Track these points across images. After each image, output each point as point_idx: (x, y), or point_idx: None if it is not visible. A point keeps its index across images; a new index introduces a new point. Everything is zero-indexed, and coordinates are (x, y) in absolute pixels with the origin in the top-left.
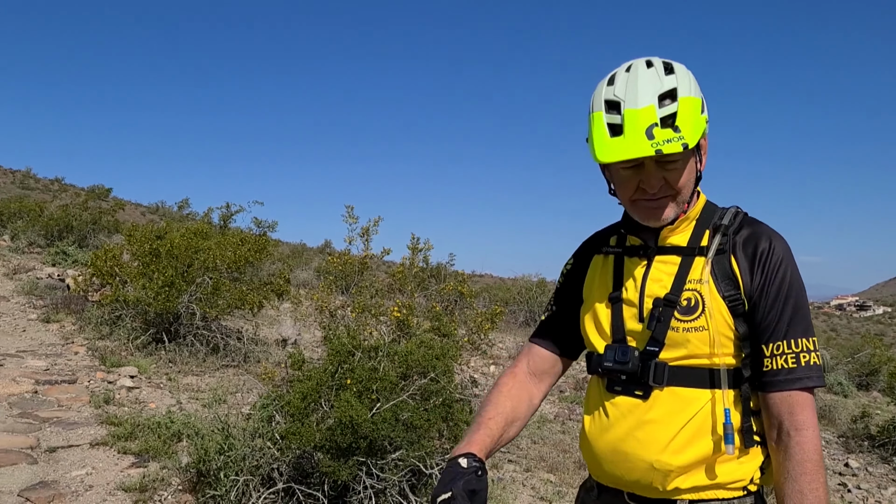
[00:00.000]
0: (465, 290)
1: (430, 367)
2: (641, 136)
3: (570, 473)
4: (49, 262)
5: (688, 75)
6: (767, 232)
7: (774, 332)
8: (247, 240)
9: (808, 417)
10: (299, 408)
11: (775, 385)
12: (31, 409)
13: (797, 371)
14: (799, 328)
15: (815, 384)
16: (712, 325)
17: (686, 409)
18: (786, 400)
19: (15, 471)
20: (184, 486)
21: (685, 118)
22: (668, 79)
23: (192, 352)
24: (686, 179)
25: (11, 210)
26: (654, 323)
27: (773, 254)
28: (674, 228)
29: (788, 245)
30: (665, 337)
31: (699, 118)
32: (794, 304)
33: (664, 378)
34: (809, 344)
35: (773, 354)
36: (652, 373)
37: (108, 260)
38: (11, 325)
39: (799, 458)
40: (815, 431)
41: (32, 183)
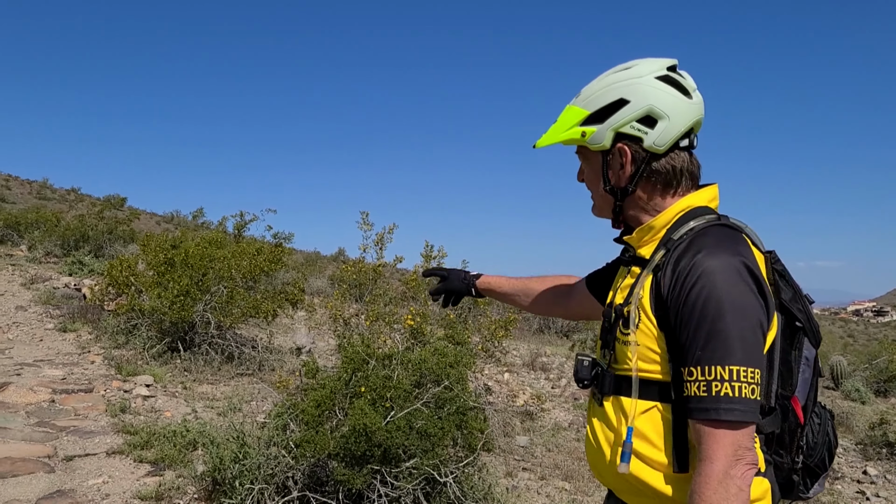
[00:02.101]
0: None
1: (444, 375)
2: None
3: (586, 481)
4: (66, 272)
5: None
6: (701, 248)
7: (687, 356)
8: (263, 250)
9: (713, 450)
10: (314, 416)
11: (689, 412)
12: (49, 418)
13: (705, 401)
14: (714, 354)
15: (726, 417)
16: (641, 340)
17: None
18: (696, 428)
19: (32, 479)
20: (199, 495)
21: (558, 123)
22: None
23: (207, 360)
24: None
25: (29, 220)
26: (606, 333)
27: (692, 272)
28: (641, 239)
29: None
30: (613, 347)
31: (567, 129)
32: (711, 328)
33: (610, 387)
34: (724, 372)
35: (686, 379)
36: (600, 382)
37: (124, 269)
38: (29, 335)
39: (692, 488)
40: (719, 467)
41: (49, 193)
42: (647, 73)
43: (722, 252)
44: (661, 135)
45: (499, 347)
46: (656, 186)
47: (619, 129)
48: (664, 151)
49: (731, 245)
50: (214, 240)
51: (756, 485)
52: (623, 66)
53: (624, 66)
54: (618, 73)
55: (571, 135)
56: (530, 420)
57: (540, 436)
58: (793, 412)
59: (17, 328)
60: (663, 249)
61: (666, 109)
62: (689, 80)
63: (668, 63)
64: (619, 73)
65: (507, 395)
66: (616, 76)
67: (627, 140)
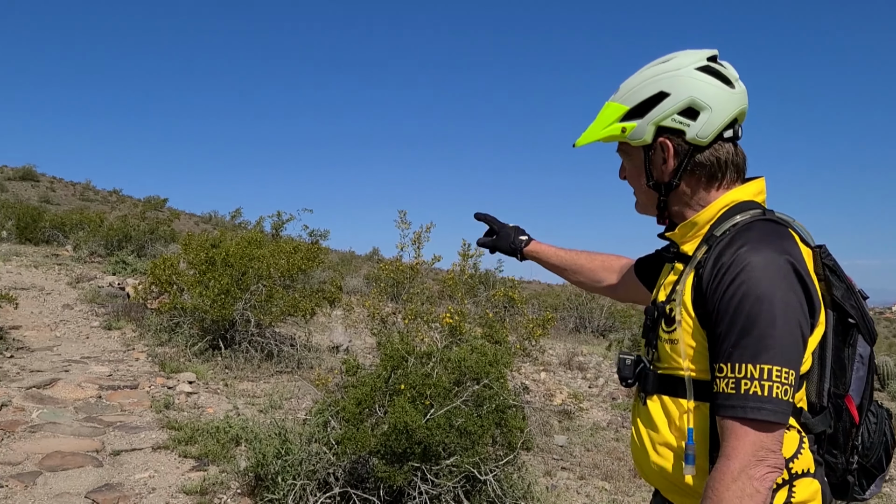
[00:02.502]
0: (516, 296)
1: (484, 373)
2: None
3: (626, 481)
4: (109, 271)
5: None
6: (744, 242)
7: (720, 352)
8: (300, 248)
9: (732, 448)
10: (354, 413)
11: (717, 408)
12: (96, 413)
13: (732, 398)
14: (746, 351)
15: (752, 416)
16: (683, 339)
17: (669, 417)
18: (721, 424)
19: (82, 473)
20: (242, 490)
21: (597, 120)
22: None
23: (248, 358)
24: (632, 181)
25: (73, 221)
26: (649, 331)
27: (732, 266)
28: (684, 235)
29: (772, 259)
30: (655, 345)
31: (607, 126)
32: (746, 324)
33: (653, 386)
34: (755, 370)
35: (717, 376)
36: (644, 380)
37: (166, 269)
38: (75, 332)
39: (707, 483)
40: (736, 465)
41: (92, 195)
42: (687, 64)
43: (765, 247)
44: (704, 126)
45: (536, 346)
46: (700, 179)
47: (661, 123)
48: (708, 143)
49: (775, 240)
50: (253, 239)
51: (805, 485)
52: (661, 60)
53: (662, 60)
54: (656, 67)
55: (611, 131)
56: (568, 419)
57: (578, 435)
58: (847, 411)
59: (64, 326)
60: (705, 246)
61: (708, 100)
62: (730, 70)
63: (708, 53)
64: (657, 67)
65: (544, 394)
66: (654, 69)
67: (669, 134)
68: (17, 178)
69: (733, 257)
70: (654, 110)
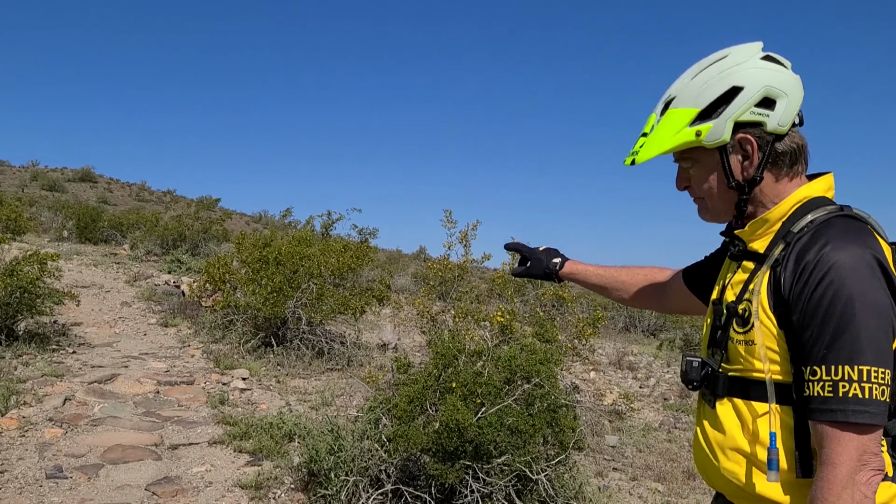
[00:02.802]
0: (566, 295)
1: (534, 372)
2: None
3: (679, 483)
4: (165, 270)
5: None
6: (828, 240)
7: (811, 354)
8: (349, 247)
9: (836, 454)
10: (406, 411)
11: (810, 413)
12: (154, 408)
13: (830, 402)
14: (842, 353)
15: (854, 419)
16: (760, 340)
17: (743, 421)
18: (817, 430)
19: (141, 466)
20: (296, 485)
21: (659, 131)
22: (680, 85)
23: (299, 355)
24: (702, 186)
25: (130, 221)
26: (718, 332)
27: (819, 266)
28: (754, 232)
29: (859, 257)
30: (726, 347)
31: (678, 133)
32: (839, 325)
33: (723, 389)
34: (853, 373)
35: (809, 379)
36: (713, 383)
37: (220, 267)
38: (134, 329)
39: (813, 494)
40: (843, 472)
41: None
42: (750, 55)
43: (850, 245)
44: (784, 114)
45: (586, 346)
46: (781, 170)
47: (739, 118)
48: (786, 131)
49: (858, 237)
50: (304, 238)
51: (883, 490)
52: (717, 58)
53: (718, 58)
54: (717, 64)
55: (684, 137)
56: (619, 420)
57: (630, 436)
58: None
59: (122, 323)
60: (782, 243)
61: (782, 87)
62: (783, 58)
63: (760, 45)
64: (719, 64)
65: (594, 393)
66: (717, 67)
67: (747, 128)
68: (77, 179)
69: (818, 256)
70: (729, 107)
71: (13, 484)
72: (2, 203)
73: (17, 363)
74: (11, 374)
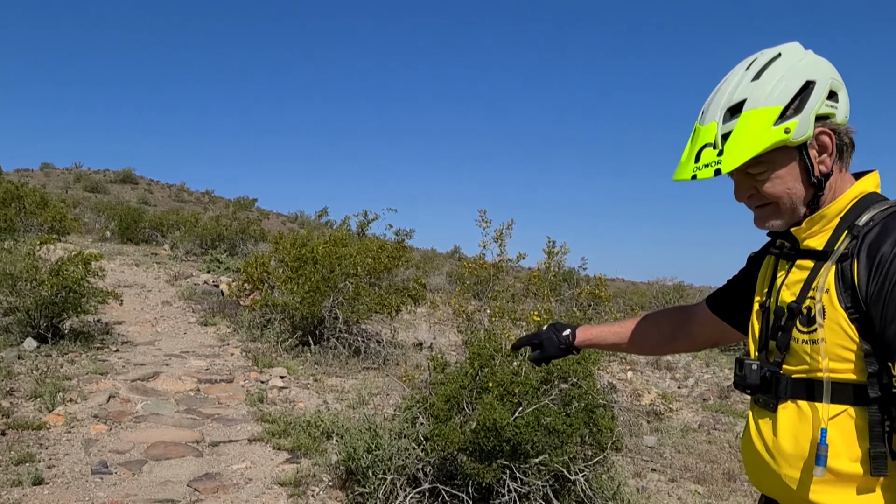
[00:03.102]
0: (603, 294)
1: (572, 372)
2: (692, 156)
3: (720, 485)
4: (204, 270)
5: (781, 76)
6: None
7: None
8: (386, 247)
9: None
10: (443, 410)
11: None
12: (195, 405)
13: None
14: None
15: None
16: (829, 338)
17: (807, 424)
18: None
19: (183, 462)
20: (334, 483)
21: (738, 137)
22: (746, 87)
23: (336, 354)
24: (781, 188)
25: (170, 222)
26: (778, 333)
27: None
28: (808, 230)
29: None
30: (787, 348)
31: (765, 133)
32: None
33: (786, 391)
34: None
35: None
36: (774, 385)
37: (258, 267)
38: (174, 328)
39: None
40: None
41: (186, 196)
42: (804, 51)
43: None
44: (846, 105)
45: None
46: (843, 163)
47: (818, 112)
48: (846, 123)
49: None
50: (340, 238)
51: None
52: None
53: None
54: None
55: (774, 137)
56: (657, 420)
57: (668, 436)
58: None
59: (163, 322)
60: (848, 238)
61: (839, 80)
62: None
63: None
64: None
65: (632, 393)
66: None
67: (822, 121)
68: (118, 180)
69: (893, 245)
70: (809, 101)
71: (61, 478)
72: (47, 205)
73: (63, 361)
74: (58, 371)
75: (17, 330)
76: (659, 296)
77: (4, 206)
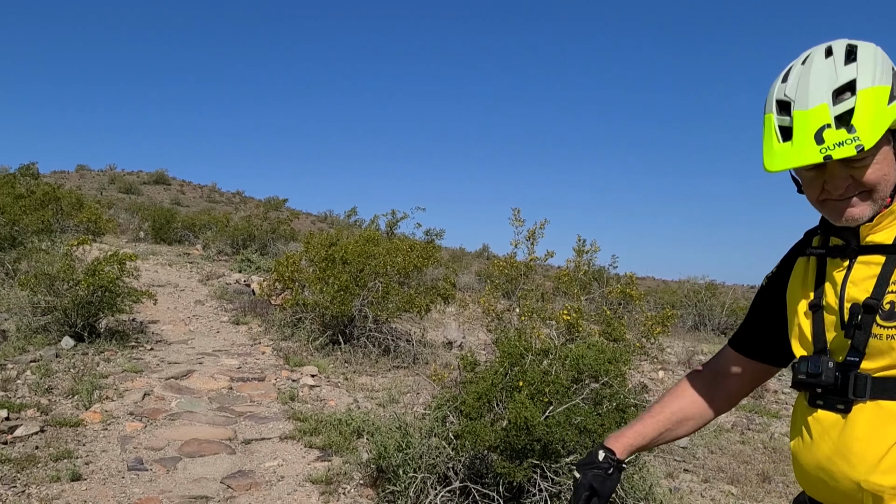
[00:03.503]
0: (635, 293)
1: (602, 371)
2: (810, 140)
3: (754, 486)
4: (236, 269)
5: (874, 59)
6: None
7: None
8: (416, 246)
9: None
10: (473, 408)
11: None
12: (228, 403)
13: None
14: None
15: None
16: None
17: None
18: None
19: (217, 460)
20: (365, 481)
21: (863, 114)
22: (846, 69)
23: (366, 353)
24: (880, 174)
25: (202, 222)
26: (854, 330)
27: None
28: (875, 225)
29: None
30: (866, 345)
31: (884, 111)
32: None
33: (866, 391)
34: None
35: None
36: (852, 385)
37: (289, 266)
38: (207, 327)
39: None
40: None
41: (217, 196)
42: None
43: None
44: None
45: (654, 344)
46: None
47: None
48: None
49: None
50: (370, 238)
51: None
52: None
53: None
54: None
55: (892, 115)
56: None
57: (701, 437)
58: None
59: (196, 321)
60: None
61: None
62: None
63: None
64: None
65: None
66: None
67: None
68: (151, 182)
69: None
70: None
71: (98, 475)
72: (83, 206)
73: (100, 359)
74: (94, 369)
75: (55, 329)
76: (690, 294)
77: (42, 208)
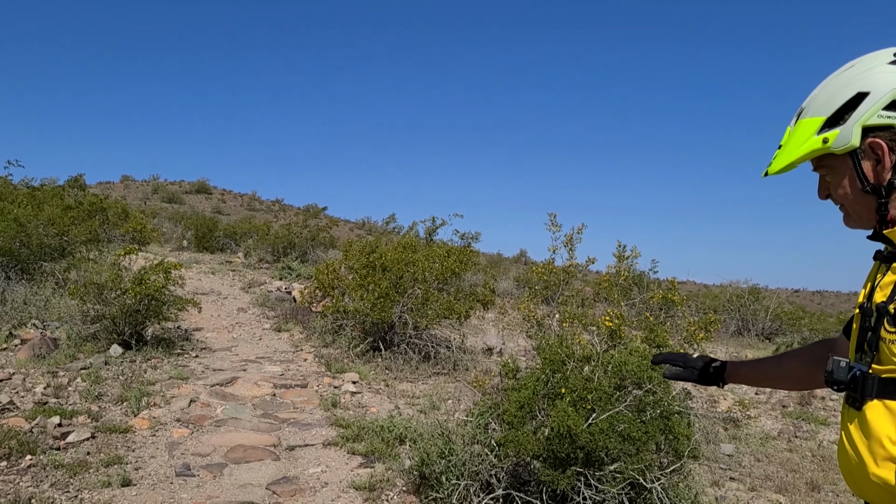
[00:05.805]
0: (676, 298)
1: (646, 378)
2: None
3: (803, 495)
4: (277, 277)
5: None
6: None
7: None
8: (453, 251)
9: None
10: (516, 416)
11: None
12: (272, 410)
13: None
14: None
15: None
16: None
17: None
18: None
19: (262, 466)
20: (408, 488)
21: (789, 143)
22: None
23: (406, 359)
24: (841, 192)
25: (243, 230)
26: (868, 332)
27: None
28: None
29: None
30: (877, 347)
31: (806, 142)
32: None
33: (872, 390)
34: None
35: None
36: (861, 384)
37: (329, 274)
38: (250, 334)
39: None
40: None
41: (257, 205)
42: (879, 62)
43: None
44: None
45: (697, 350)
46: None
47: (867, 123)
48: None
49: None
50: (409, 244)
51: None
52: (846, 67)
53: (846, 67)
54: (845, 73)
55: (810, 146)
56: (734, 427)
57: (747, 444)
58: None
59: (239, 328)
60: None
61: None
62: None
63: (894, 49)
64: (846, 73)
65: (707, 400)
66: (844, 76)
67: (876, 132)
68: (193, 191)
69: None
70: (855, 112)
71: (147, 480)
72: (128, 216)
73: (147, 367)
74: (142, 376)
75: (104, 337)
76: (733, 299)
77: (89, 219)
